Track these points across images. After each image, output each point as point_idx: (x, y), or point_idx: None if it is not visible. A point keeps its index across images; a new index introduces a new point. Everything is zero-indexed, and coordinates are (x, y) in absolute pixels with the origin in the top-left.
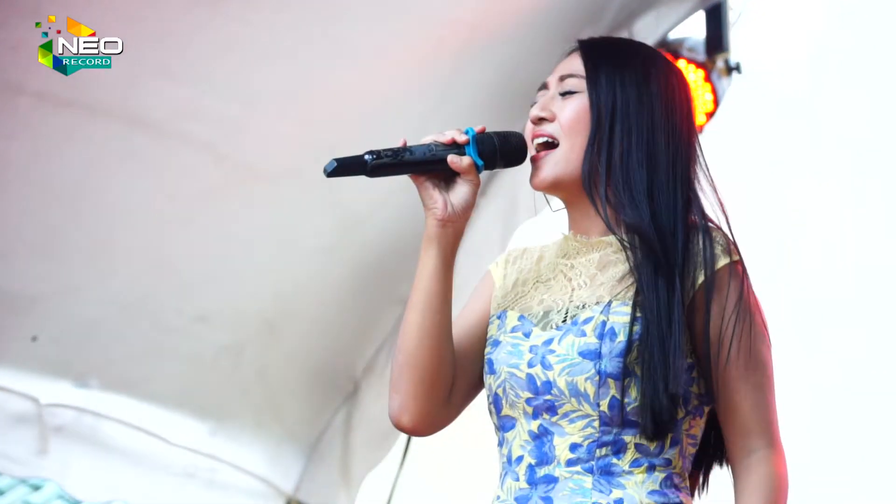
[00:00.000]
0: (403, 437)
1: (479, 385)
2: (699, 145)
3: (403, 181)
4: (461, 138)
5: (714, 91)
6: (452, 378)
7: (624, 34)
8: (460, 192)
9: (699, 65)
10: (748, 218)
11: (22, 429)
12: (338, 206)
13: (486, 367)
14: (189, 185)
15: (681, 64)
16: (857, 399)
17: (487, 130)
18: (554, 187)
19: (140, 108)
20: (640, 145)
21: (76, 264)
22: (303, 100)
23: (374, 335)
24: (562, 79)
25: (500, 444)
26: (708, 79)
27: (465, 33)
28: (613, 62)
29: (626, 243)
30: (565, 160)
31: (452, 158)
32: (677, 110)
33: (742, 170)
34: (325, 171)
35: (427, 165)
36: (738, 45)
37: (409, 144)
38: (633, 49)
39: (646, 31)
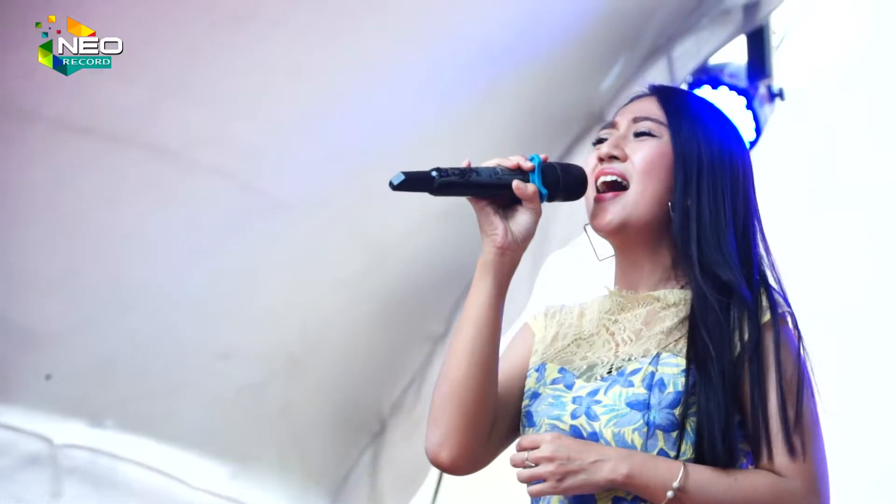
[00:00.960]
0: (433, 478)
1: (517, 431)
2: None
3: (432, 212)
4: (526, 165)
5: (755, 119)
6: (495, 415)
7: (663, 60)
8: (521, 220)
9: (740, 92)
10: (789, 253)
11: (35, 470)
12: (364, 238)
13: (524, 420)
14: (210, 215)
15: (722, 91)
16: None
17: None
18: (620, 231)
19: (160, 134)
20: (725, 205)
21: (92, 298)
22: (329, 125)
23: (401, 372)
24: (636, 120)
25: (537, 500)
26: (749, 106)
27: (498, 58)
28: (693, 114)
29: (709, 297)
30: (634, 204)
31: (518, 184)
32: (748, 174)
33: (783, 201)
34: (391, 183)
35: (491, 189)
36: (781, 70)
37: (473, 166)
38: (708, 105)
39: (686, 57)
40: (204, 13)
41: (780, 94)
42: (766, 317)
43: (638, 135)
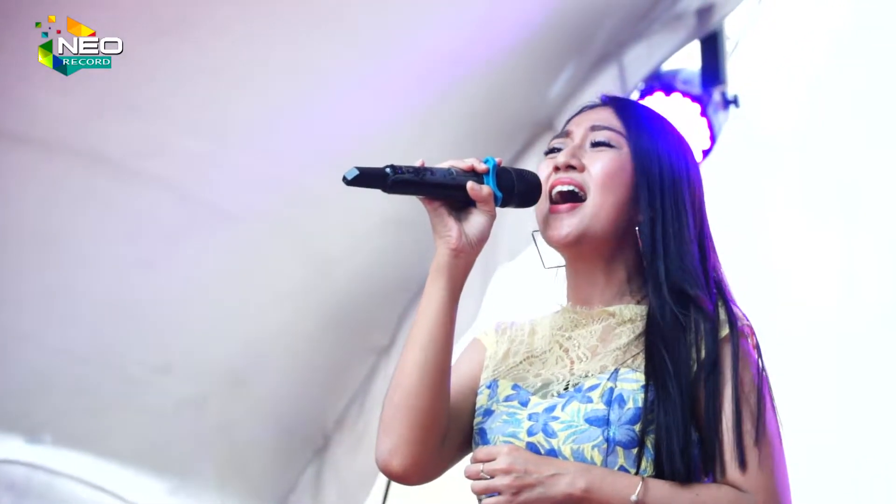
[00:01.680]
0: (378, 494)
1: (469, 445)
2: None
3: (377, 223)
4: (481, 167)
5: (710, 126)
6: (447, 425)
7: (614, 66)
8: (476, 222)
9: (694, 98)
10: (739, 262)
11: None
12: (308, 250)
13: (476, 438)
14: (151, 226)
15: (675, 98)
16: (845, 440)
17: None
18: (576, 244)
19: (100, 144)
20: (687, 218)
21: (30, 311)
22: (274, 135)
23: (345, 386)
24: (594, 129)
25: None
26: (703, 113)
27: (449, 64)
28: (650, 127)
29: (668, 312)
30: (593, 217)
31: (472, 185)
32: (700, 184)
33: (737, 210)
34: (344, 178)
35: (445, 189)
36: (736, 77)
37: (427, 166)
38: (660, 118)
39: (637, 63)
40: (145, 20)
41: (735, 101)
42: (725, 331)
43: (595, 144)
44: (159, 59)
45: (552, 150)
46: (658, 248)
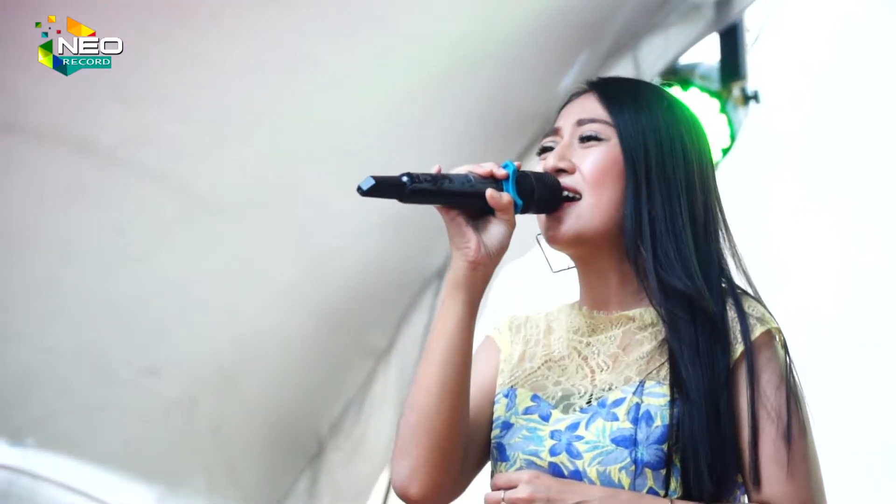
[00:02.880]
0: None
1: (487, 456)
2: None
3: (376, 219)
4: (500, 172)
5: (729, 124)
6: (467, 445)
7: (628, 59)
8: (495, 232)
9: (713, 94)
10: (756, 263)
11: None
12: (304, 245)
13: (495, 453)
14: (141, 219)
15: (692, 93)
16: (853, 439)
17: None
18: (576, 243)
19: (88, 132)
20: (681, 204)
21: (14, 307)
22: (269, 125)
23: (341, 390)
24: (580, 123)
25: None
26: (722, 110)
27: (452, 54)
28: (637, 106)
29: (674, 315)
30: (590, 214)
31: (492, 193)
32: (705, 162)
33: (758, 211)
34: (359, 189)
35: (464, 197)
36: (756, 71)
37: (443, 172)
38: (653, 91)
39: (653, 56)
40: (138, 7)
41: (756, 97)
42: (740, 348)
43: (584, 140)
44: (152, 46)
45: (544, 150)
46: (646, 240)
